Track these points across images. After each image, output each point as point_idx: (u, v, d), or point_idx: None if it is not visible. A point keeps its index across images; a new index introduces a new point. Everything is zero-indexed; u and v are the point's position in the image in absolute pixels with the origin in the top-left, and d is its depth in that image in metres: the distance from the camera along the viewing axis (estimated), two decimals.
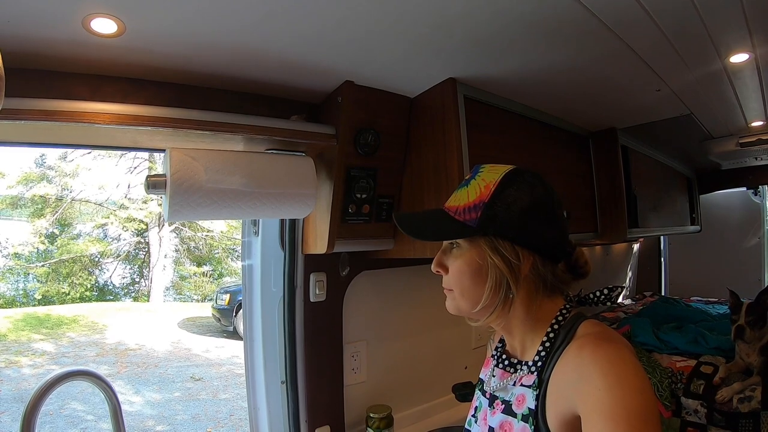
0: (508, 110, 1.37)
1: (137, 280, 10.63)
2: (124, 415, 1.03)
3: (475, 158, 1.19)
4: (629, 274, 3.47)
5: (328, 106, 1.21)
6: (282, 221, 1.33)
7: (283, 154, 1.16)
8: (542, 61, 1.10)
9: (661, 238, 3.77)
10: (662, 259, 3.80)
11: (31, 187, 8.70)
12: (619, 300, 3.28)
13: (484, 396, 0.79)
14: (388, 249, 1.34)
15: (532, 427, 0.64)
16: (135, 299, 10.23)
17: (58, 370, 0.93)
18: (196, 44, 0.92)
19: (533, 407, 0.66)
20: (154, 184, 1.00)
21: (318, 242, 1.21)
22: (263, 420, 1.37)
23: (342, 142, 1.14)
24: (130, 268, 10.59)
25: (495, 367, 0.79)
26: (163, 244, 10.24)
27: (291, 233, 1.32)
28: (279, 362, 1.36)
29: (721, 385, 1.76)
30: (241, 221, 1.42)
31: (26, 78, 0.90)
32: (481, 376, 0.85)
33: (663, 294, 3.57)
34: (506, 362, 0.77)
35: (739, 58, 1.15)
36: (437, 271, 0.76)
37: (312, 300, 1.34)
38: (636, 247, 3.54)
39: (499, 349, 0.81)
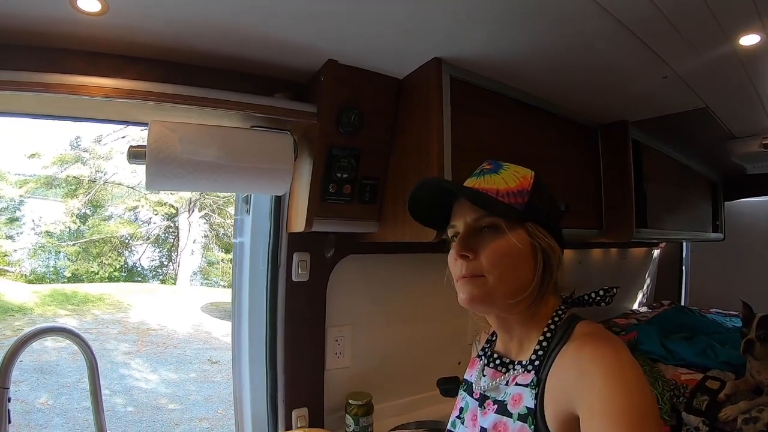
0: (504, 94, 1.31)
1: (165, 263, 10.96)
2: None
3: (462, 140, 1.16)
4: (647, 280, 3.31)
5: (314, 85, 1.20)
6: (271, 199, 1.33)
7: (265, 131, 1.16)
8: (532, 42, 1.06)
9: (683, 245, 3.57)
10: (683, 267, 3.61)
11: (65, 168, 8.99)
12: (635, 307, 3.14)
13: (472, 397, 0.78)
14: (372, 232, 1.33)
15: (532, 426, 0.64)
16: (162, 282, 10.54)
17: (35, 326, 0.97)
18: (177, 23, 0.95)
19: (532, 406, 0.65)
20: (135, 153, 1.04)
21: (298, 220, 1.21)
22: (246, 398, 1.39)
23: (323, 121, 1.13)
24: (159, 252, 10.91)
25: (486, 367, 0.78)
26: (193, 229, 10.49)
27: (276, 211, 1.33)
28: (264, 341, 1.37)
29: (726, 402, 1.64)
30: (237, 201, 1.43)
31: (25, 53, 0.97)
32: (466, 377, 0.83)
33: (682, 303, 3.40)
34: (497, 362, 0.77)
35: (749, 39, 1.05)
36: (464, 256, 0.69)
37: (294, 279, 1.34)
38: (656, 252, 3.37)
39: (487, 349, 0.81)
